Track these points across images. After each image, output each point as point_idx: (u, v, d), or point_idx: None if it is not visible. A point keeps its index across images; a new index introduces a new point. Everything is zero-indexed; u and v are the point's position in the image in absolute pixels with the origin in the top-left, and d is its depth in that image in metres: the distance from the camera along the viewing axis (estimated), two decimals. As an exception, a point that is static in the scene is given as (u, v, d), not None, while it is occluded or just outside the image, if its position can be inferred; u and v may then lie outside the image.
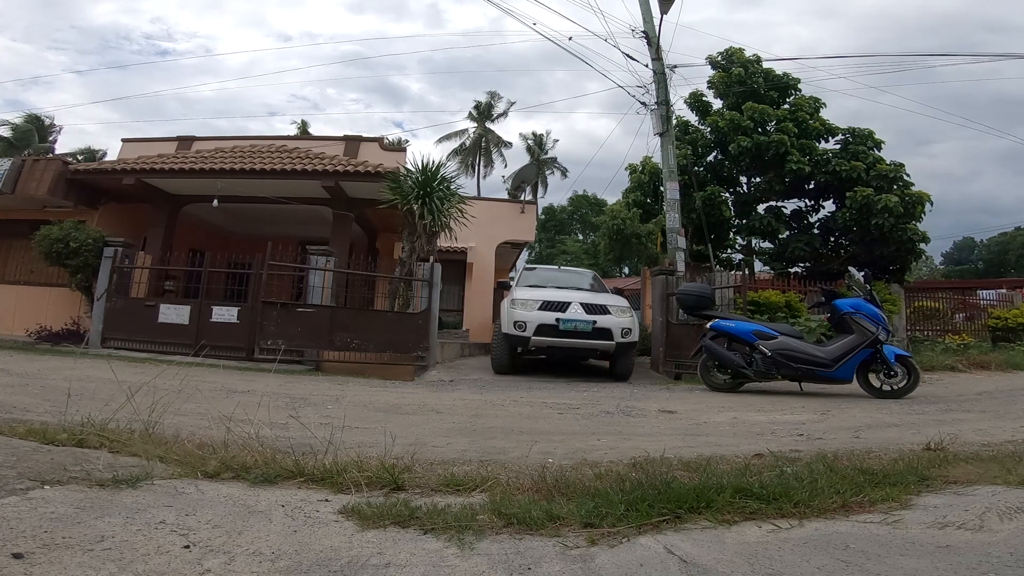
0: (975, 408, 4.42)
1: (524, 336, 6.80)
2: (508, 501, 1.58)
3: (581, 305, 6.89)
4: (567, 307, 6.90)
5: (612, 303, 7.07)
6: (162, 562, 1.16)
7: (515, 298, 7.10)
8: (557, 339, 6.76)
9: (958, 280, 29.72)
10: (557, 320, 6.76)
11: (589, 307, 6.91)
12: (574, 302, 6.94)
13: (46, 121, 25.07)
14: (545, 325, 6.74)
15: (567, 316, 6.82)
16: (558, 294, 7.22)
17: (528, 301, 6.99)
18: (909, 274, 12.91)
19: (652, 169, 12.74)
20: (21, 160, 10.33)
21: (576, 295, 7.21)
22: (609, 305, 7.00)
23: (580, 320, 6.76)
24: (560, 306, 6.91)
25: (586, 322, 6.75)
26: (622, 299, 7.39)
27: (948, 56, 37.04)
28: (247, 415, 2.22)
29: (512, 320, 6.87)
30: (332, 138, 11.92)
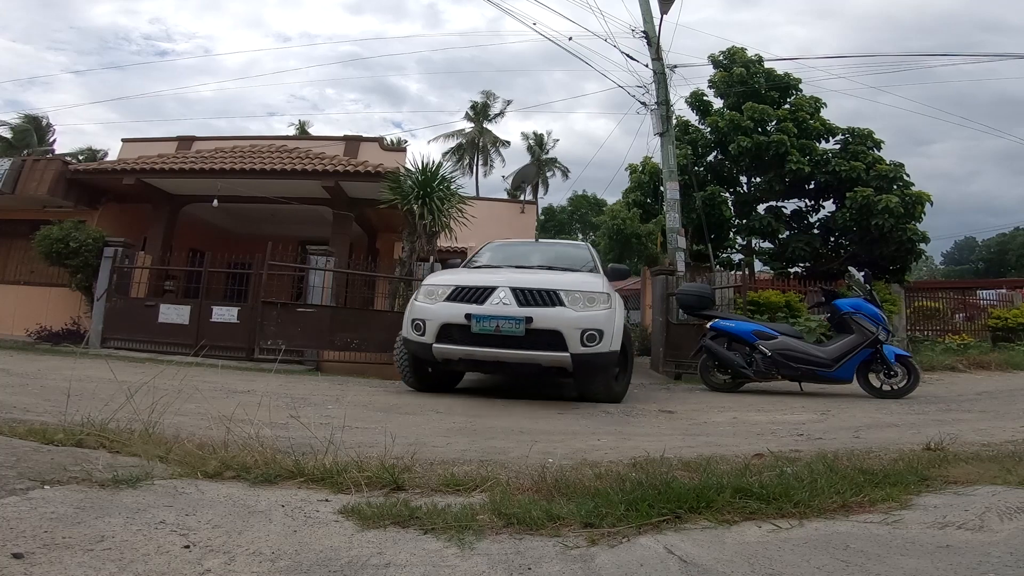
0: (975, 408, 4.42)
1: (423, 343, 4.39)
2: (508, 501, 1.58)
3: (513, 291, 4.26)
4: (489, 295, 4.29)
5: (570, 287, 4.39)
6: (162, 562, 1.16)
7: (424, 284, 4.83)
8: (471, 348, 4.24)
9: (958, 280, 29.74)
10: (468, 317, 4.22)
11: (526, 294, 4.26)
12: (502, 286, 4.30)
13: (43, 121, 25.08)
14: (451, 326, 4.30)
15: (483, 310, 4.22)
16: (487, 276, 4.62)
17: (436, 288, 4.56)
18: (909, 274, 12.92)
19: (652, 169, 12.75)
20: (21, 160, 10.34)
21: (517, 276, 4.59)
22: (564, 291, 4.30)
23: (504, 317, 4.16)
24: (479, 294, 4.32)
25: (514, 320, 4.14)
26: (597, 280, 4.70)
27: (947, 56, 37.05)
28: (247, 415, 2.22)
29: (410, 318, 4.60)
30: (332, 138, 11.94)
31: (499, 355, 4.24)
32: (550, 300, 4.29)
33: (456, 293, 4.41)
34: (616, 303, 4.63)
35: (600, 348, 4.26)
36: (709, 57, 13.41)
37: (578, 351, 4.18)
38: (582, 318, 4.25)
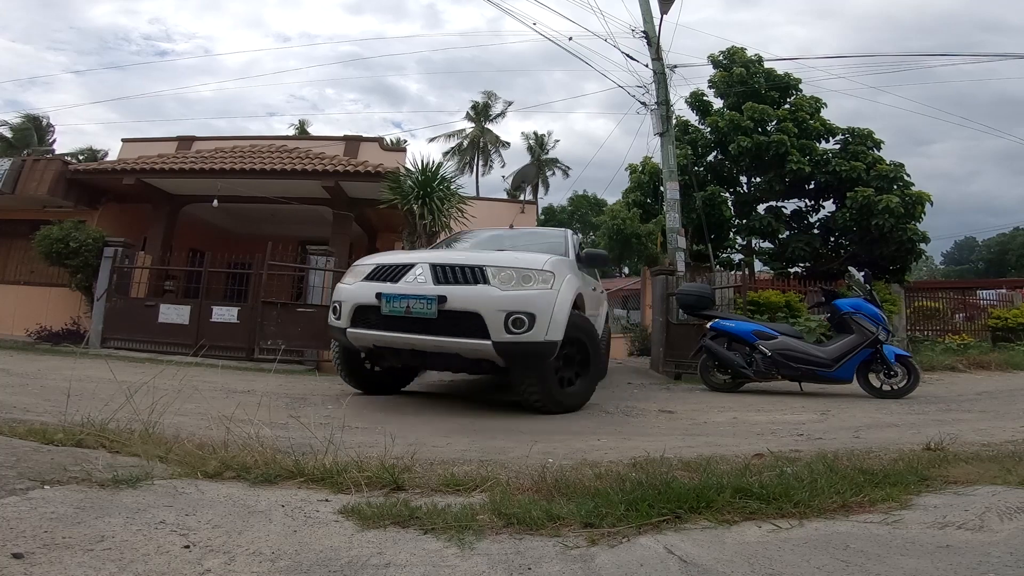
0: (975, 408, 4.42)
1: (339, 327, 3.99)
2: (508, 501, 1.58)
3: (432, 268, 3.74)
4: (406, 272, 3.82)
5: (500, 262, 3.77)
6: (162, 562, 1.16)
7: (354, 264, 4.34)
8: (381, 333, 3.74)
9: (958, 280, 29.76)
10: (379, 297, 3.74)
11: (445, 271, 3.72)
12: (420, 263, 3.81)
13: (43, 121, 25.10)
14: (365, 308, 3.83)
15: (395, 288, 3.74)
16: (415, 254, 4.17)
17: (360, 268, 4.15)
18: (909, 274, 12.92)
19: (652, 169, 12.75)
20: (21, 160, 10.34)
21: (444, 253, 4.15)
22: (491, 266, 3.69)
23: (415, 296, 3.62)
24: (396, 272, 3.87)
25: (426, 300, 3.58)
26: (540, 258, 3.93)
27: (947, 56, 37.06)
28: (247, 415, 2.22)
29: (332, 301, 4.19)
30: (332, 138, 11.93)
31: (411, 341, 3.67)
32: (472, 277, 3.66)
33: (375, 272, 3.96)
34: (564, 284, 3.85)
35: (531, 336, 3.49)
36: (709, 57, 13.42)
37: (502, 339, 3.46)
38: (507, 298, 3.55)
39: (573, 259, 4.70)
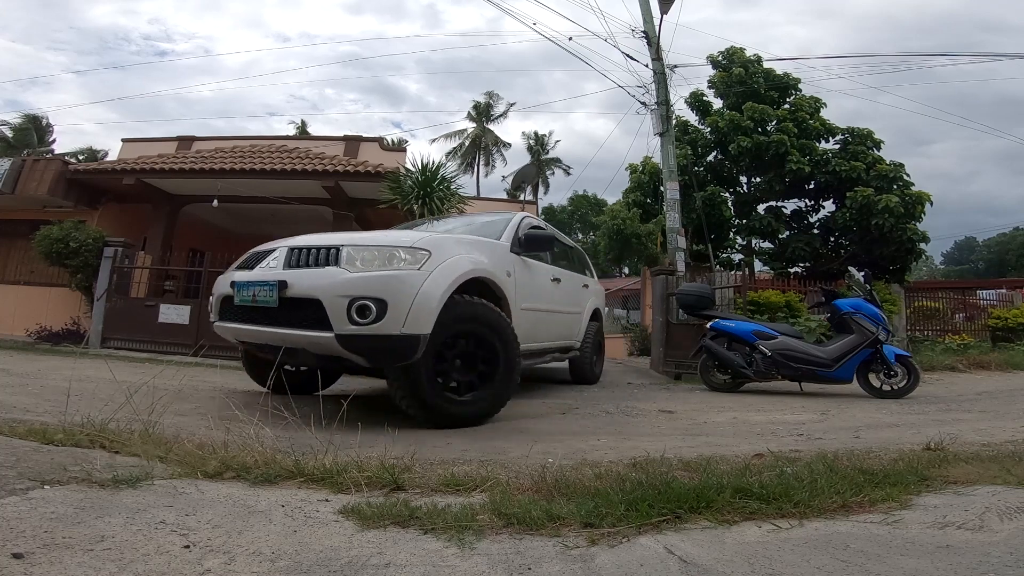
0: (975, 408, 4.42)
1: (212, 320, 3.75)
2: (508, 501, 1.58)
3: (289, 251, 3.32)
4: (265, 257, 3.48)
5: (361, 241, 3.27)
6: (162, 562, 1.16)
7: None
8: (234, 325, 3.43)
9: (958, 280, 29.76)
10: (232, 285, 3.46)
11: (301, 254, 3.26)
12: (281, 247, 3.41)
13: (43, 121, 25.11)
14: (226, 298, 3.55)
15: (248, 275, 3.41)
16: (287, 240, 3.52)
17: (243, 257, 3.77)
18: (909, 274, 12.92)
19: (652, 169, 12.75)
20: (21, 160, 10.34)
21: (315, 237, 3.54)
22: (349, 245, 3.16)
23: (260, 283, 3.24)
24: (259, 257, 3.54)
25: (268, 286, 3.17)
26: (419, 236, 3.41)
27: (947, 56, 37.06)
28: (247, 415, 2.22)
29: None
30: (332, 138, 11.94)
31: (258, 334, 3.26)
32: (324, 259, 3.15)
33: (247, 259, 3.59)
34: (443, 266, 3.15)
35: (381, 328, 2.87)
36: (708, 57, 13.42)
37: (345, 330, 2.88)
38: (353, 281, 2.94)
39: (507, 242, 4.08)
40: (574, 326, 5.62)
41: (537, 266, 4.59)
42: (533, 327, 4.37)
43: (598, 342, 6.35)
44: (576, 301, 5.67)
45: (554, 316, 4.90)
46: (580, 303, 5.81)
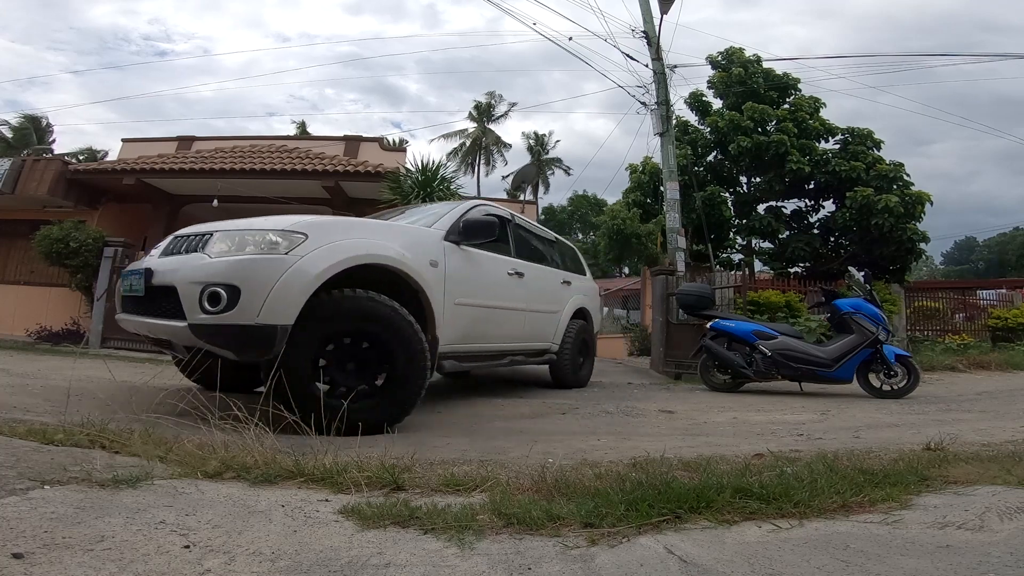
0: (975, 408, 4.42)
1: None
2: (508, 501, 1.58)
3: (174, 238, 3.25)
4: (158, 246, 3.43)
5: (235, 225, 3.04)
6: (162, 562, 1.16)
7: None
8: (123, 316, 3.33)
9: (958, 280, 29.77)
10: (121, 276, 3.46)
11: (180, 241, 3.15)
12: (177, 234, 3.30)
13: (43, 121, 25.12)
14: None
15: (133, 265, 3.40)
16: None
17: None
18: (909, 274, 12.92)
19: (652, 169, 12.75)
20: (21, 160, 10.35)
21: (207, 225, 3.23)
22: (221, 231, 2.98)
23: (134, 272, 3.17)
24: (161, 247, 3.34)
25: (137, 274, 3.09)
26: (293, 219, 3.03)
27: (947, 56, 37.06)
28: (247, 415, 2.22)
29: None
30: (332, 138, 11.94)
31: (135, 324, 3.16)
32: (195, 246, 2.99)
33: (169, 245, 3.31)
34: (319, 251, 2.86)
35: (233, 317, 2.64)
36: (707, 58, 13.42)
37: (197, 319, 2.68)
38: (207, 267, 2.75)
39: (441, 230, 3.75)
40: (547, 326, 5.19)
41: (484, 257, 4.14)
42: (477, 326, 4.02)
43: (583, 343, 5.87)
44: (551, 299, 5.28)
45: (513, 314, 4.52)
46: (557, 301, 5.40)
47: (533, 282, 4.86)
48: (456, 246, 3.81)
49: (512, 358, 4.70)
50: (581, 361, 5.87)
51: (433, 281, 3.45)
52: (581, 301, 5.91)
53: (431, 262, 3.51)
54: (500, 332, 4.41)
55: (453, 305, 3.65)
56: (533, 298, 4.85)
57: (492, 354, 4.42)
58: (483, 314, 4.09)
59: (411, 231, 3.65)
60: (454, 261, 3.74)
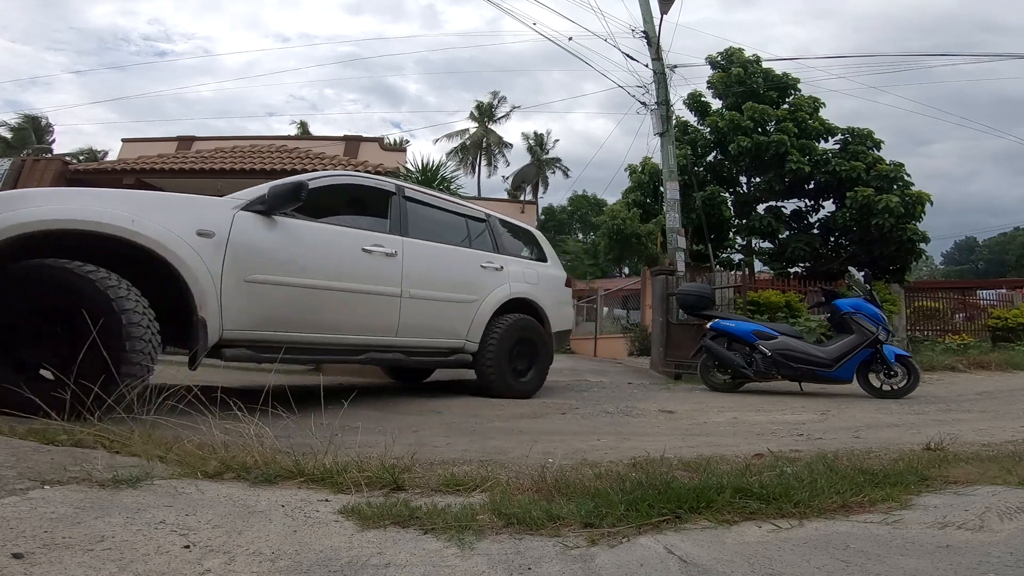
0: (975, 408, 4.42)
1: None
2: (508, 501, 1.58)
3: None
4: None
5: None
6: (162, 562, 1.16)
7: None
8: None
9: (958, 280, 29.79)
10: None
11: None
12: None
13: (43, 121, 25.13)
14: None
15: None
16: None
17: None
18: (909, 274, 12.94)
19: (652, 169, 12.75)
20: (21, 160, 10.35)
21: None
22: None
23: None
24: None
25: None
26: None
27: (946, 56, 37.07)
28: (247, 415, 2.22)
29: None
30: (332, 138, 11.95)
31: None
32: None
33: None
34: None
35: None
36: (707, 58, 13.44)
37: None
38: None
39: (240, 200, 3.36)
40: (452, 319, 4.34)
41: (315, 229, 3.61)
42: (293, 310, 3.45)
43: (525, 344, 4.83)
44: (458, 285, 4.40)
45: (373, 300, 3.83)
46: (470, 288, 4.47)
47: (417, 262, 4.08)
48: (263, 216, 3.32)
49: (378, 355, 4.00)
50: (524, 367, 4.84)
51: (199, 253, 3.00)
52: (522, 291, 4.89)
53: (200, 232, 3.05)
54: (346, 321, 3.73)
55: (242, 282, 3.17)
56: (419, 282, 4.07)
57: (333, 348, 3.74)
58: (305, 296, 3.47)
59: (176, 200, 3.27)
60: (250, 232, 3.24)
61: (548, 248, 5.73)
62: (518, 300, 4.85)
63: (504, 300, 4.69)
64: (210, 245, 3.06)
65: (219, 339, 3.15)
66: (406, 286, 3.98)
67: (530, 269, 5.19)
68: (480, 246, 4.81)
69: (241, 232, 3.20)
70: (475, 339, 4.46)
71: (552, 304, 5.27)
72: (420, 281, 4.08)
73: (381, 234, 3.98)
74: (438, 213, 4.59)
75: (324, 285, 3.56)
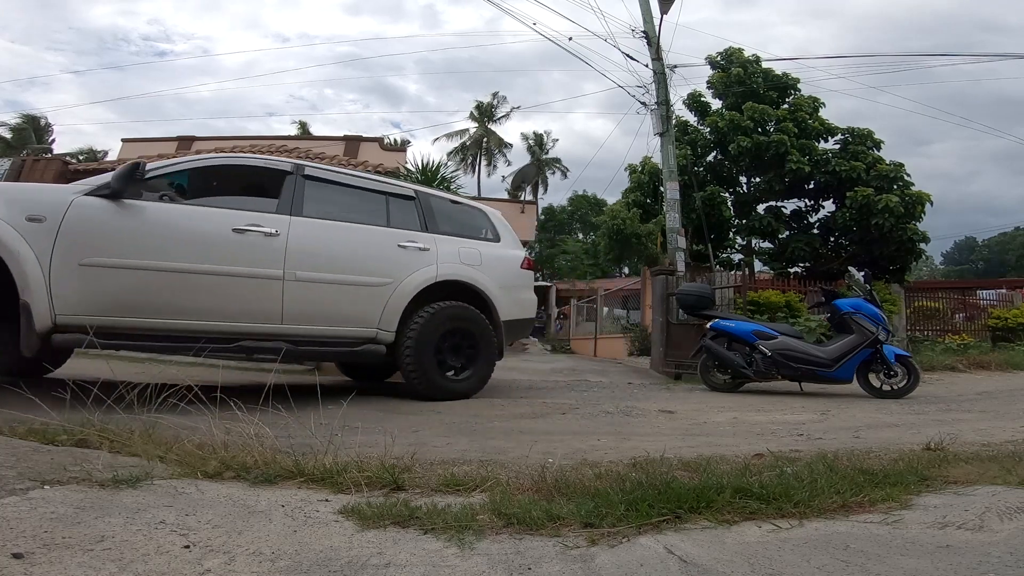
0: (975, 408, 4.42)
1: None
2: (508, 501, 1.58)
3: None
4: None
5: None
6: (162, 562, 1.16)
7: None
8: None
9: (958, 280, 29.80)
10: None
11: None
12: None
13: (42, 121, 25.12)
14: None
15: None
16: None
17: None
18: (909, 274, 12.94)
19: (652, 169, 12.75)
20: (21, 160, 10.36)
21: None
22: None
23: None
24: None
25: None
26: None
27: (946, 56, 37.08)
28: (247, 415, 2.22)
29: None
30: (332, 138, 11.95)
31: None
32: None
33: None
34: None
35: None
36: (707, 58, 13.42)
37: None
38: None
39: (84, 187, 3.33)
40: (358, 304, 3.94)
41: (173, 211, 3.50)
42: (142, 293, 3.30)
43: (461, 335, 4.32)
44: (364, 265, 4.01)
45: (247, 283, 3.59)
46: (381, 270, 4.05)
47: (307, 243, 3.78)
48: (109, 200, 3.25)
49: (253, 344, 3.67)
50: (460, 362, 4.35)
51: (25, 237, 3.01)
52: (456, 273, 4.33)
53: (30, 217, 3.06)
54: (214, 306, 3.50)
55: (76, 266, 3.10)
56: (309, 264, 3.75)
57: (197, 335, 3.45)
58: (159, 280, 3.33)
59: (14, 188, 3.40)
60: (89, 216, 3.19)
61: (504, 227, 5.08)
62: (452, 284, 4.31)
63: (428, 283, 4.18)
64: (40, 230, 3.04)
65: (53, 324, 3.05)
66: (290, 268, 3.67)
67: (470, 249, 4.54)
68: (404, 225, 4.32)
69: (77, 216, 3.15)
70: (389, 328, 4.00)
71: (500, 289, 4.61)
72: (310, 263, 3.76)
73: (261, 213, 3.72)
74: (348, 191, 4.23)
75: (182, 268, 3.37)
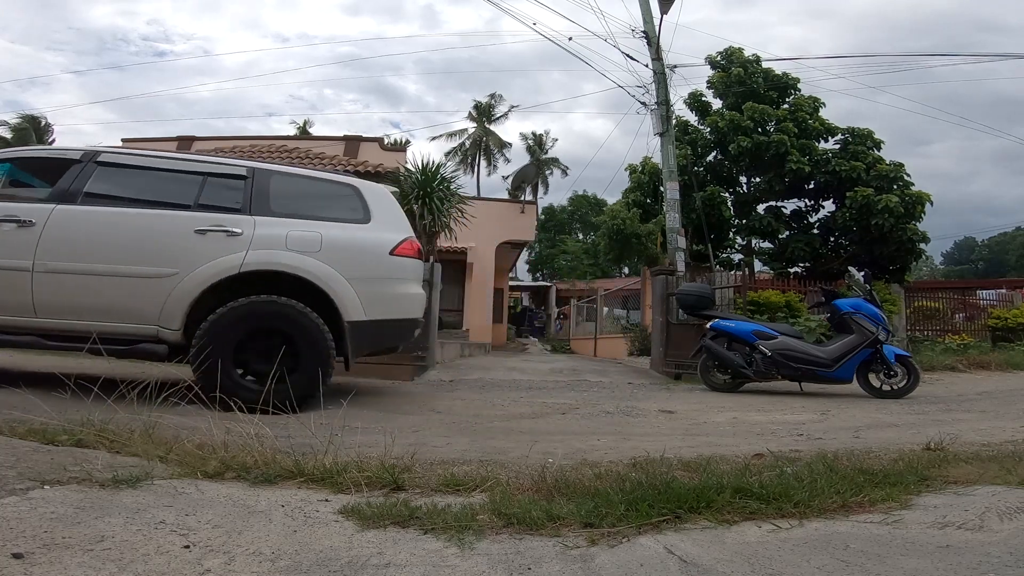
0: (975, 408, 4.42)
1: None
2: (508, 501, 1.58)
3: None
4: None
5: None
6: (162, 562, 1.16)
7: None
8: None
9: (958, 280, 29.80)
10: None
11: None
12: None
13: (42, 122, 25.10)
14: None
15: None
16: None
17: None
18: (909, 274, 12.93)
19: (652, 169, 12.75)
20: (21, 160, 10.34)
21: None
22: None
23: None
24: None
25: None
26: None
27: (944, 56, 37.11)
28: (247, 415, 2.22)
29: None
30: (332, 138, 11.96)
31: None
32: None
33: None
34: None
35: None
36: (707, 58, 13.41)
37: None
38: None
39: None
40: (132, 298, 3.56)
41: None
42: None
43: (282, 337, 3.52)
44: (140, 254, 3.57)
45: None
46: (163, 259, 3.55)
47: (66, 232, 3.49)
48: None
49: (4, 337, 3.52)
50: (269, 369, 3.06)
51: None
52: (277, 261, 3.64)
53: None
54: None
55: None
56: (63, 253, 3.46)
57: None
58: None
59: None
60: None
61: (382, 206, 4.13)
62: (271, 274, 3.64)
63: (228, 274, 3.54)
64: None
65: None
66: (40, 258, 3.40)
67: (307, 232, 3.74)
68: (219, 207, 3.76)
69: None
70: (172, 325, 3.52)
71: (352, 281, 3.75)
72: (66, 253, 3.47)
73: (21, 204, 3.54)
74: (152, 175, 3.87)
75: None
